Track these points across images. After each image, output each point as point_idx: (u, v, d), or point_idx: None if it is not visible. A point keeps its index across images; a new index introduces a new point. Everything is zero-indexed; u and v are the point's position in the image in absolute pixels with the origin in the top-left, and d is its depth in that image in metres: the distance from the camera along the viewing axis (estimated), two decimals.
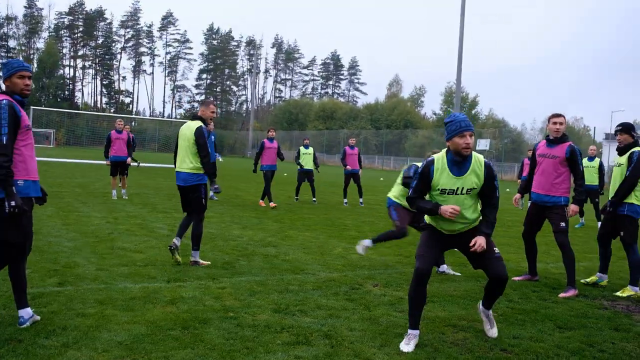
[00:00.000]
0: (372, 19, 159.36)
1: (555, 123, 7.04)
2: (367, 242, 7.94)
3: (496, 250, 4.68)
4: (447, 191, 4.61)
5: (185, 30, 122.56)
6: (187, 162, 7.26)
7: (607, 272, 7.53)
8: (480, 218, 4.76)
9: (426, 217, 4.92)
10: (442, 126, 64.04)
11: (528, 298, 6.48)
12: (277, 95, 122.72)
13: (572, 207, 6.94)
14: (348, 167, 16.97)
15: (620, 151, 7.14)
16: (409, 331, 4.67)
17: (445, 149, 4.72)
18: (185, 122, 7.64)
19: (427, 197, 4.78)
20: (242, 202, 15.82)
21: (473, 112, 71.77)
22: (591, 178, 13.95)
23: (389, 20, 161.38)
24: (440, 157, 4.66)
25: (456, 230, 4.74)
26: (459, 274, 7.39)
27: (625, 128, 7.13)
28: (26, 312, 4.59)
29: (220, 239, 9.26)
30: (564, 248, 6.94)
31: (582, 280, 7.49)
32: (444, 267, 7.59)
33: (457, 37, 35.80)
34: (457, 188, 4.60)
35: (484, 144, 45.03)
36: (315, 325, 5.00)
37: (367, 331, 4.92)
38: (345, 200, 17.04)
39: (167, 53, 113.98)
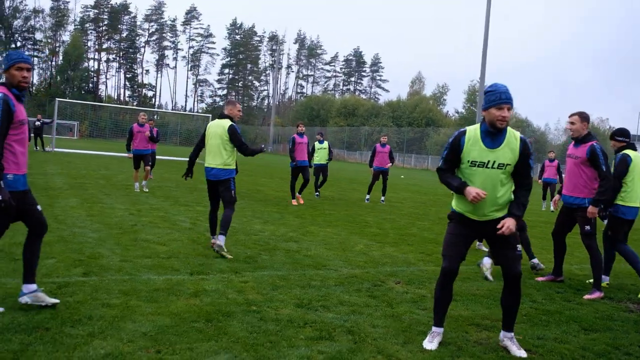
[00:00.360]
0: (395, 15, 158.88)
1: (567, 122, 7.03)
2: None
3: (518, 247, 4.52)
4: (477, 164, 4.40)
5: (209, 25, 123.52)
6: (218, 158, 7.70)
7: (610, 274, 7.49)
8: (511, 201, 4.52)
9: (453, 202, 4.69)
10: (465, 125, 63.75)
11: (552, 299, 6.41)
12: (298, 91, 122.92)
13: (589, 209, 6.79)
14: (371, 169, 17.18)
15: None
16: (433, 329, 4.64)
17: (481, 121, 4.52)
18: (209, 120, 8.26)
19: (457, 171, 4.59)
20: (263, 197, 15.87)
21: None
22: None
23: (412, 16, 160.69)
24: (473, 128, 4.47)
25: (485, 215, 4.49)
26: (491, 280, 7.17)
27: (611, 134, 7.41)
28: (26, 287, 4.74)
29: (242, 233, 9.29)
30: (590, 250, 6.85)
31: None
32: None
33: (482, 32, 35.45)
34: (488, 161, 4.39)
35: None
36: (338, 320, 4.99)
37: (390, 328, 4.91)
38: (368, 197, 17.01)
39: (190, 47, 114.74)
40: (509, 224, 4.32)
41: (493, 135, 4.40)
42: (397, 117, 75.59)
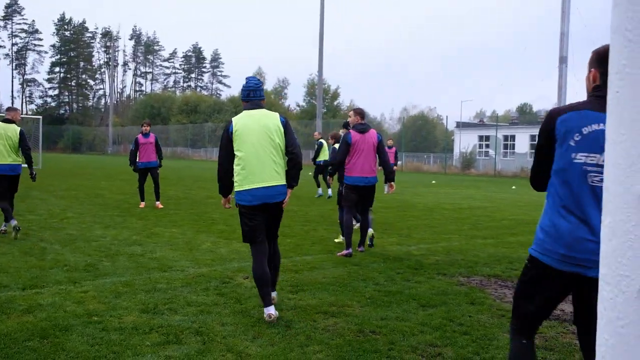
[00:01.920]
0: (233, 11, 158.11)
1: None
2: None
3: None
4: None
5: (34, 20, 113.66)
6: (12, 156, 9.12)
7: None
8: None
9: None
10: (306, 118, 65.32)
11: (393, 280, 6.73)
12: (137, 89, 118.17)
13: None
14: None
15: None
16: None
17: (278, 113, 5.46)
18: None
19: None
20: (104, 201, 15.05)
21: (335, 103, 73.51)
22: None
23: (250, 12, 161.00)
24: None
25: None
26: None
27: (343, 124, 9.64)
28: None
29: (81, 240, 8.73)
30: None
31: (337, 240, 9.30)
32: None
33: (317, 28, 36.39)
34: None
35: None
36: (185, 322, 4.86)
37: (239, 325, 4.87)
38: None
39: (13, 44, 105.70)
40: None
41: None
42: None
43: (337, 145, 11.32)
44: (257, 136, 5.13)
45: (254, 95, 5.36)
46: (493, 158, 47.60)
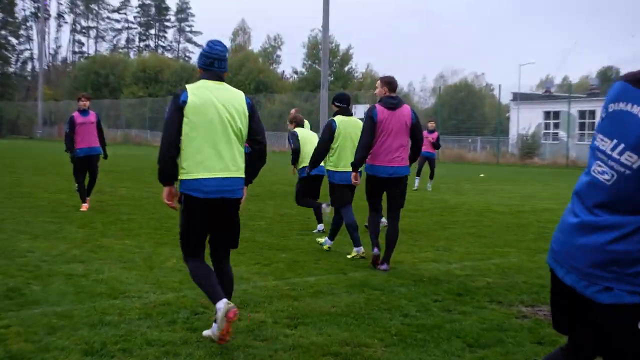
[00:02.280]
0: None
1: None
2: None
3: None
4: None
5: None
6: None
7: (333, 239, 10.00)
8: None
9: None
10: (307, 89, 65.25)
11: (428, 310, 6.69)
12: (76, 49, 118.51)
13: None
14: None
15: None
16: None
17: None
18: None
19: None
20: (32, 202, 15.06)
21: (346, 68, 73.52)
22: None
23: None
24: None
25: None
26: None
27: (332, 99, 10.04)
28: None
29: (1, 257, 8.74)
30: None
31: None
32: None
33: None
34: None
35: (361, 110, 45.75)
36: None
37: None
38: None
39: None
40: None
41: None
42: None
43: (299, 130, 12.26)
44: (216, 114, 5.37)
45: (218, 65, 5.56)
46: (565, 142, 47.33)
